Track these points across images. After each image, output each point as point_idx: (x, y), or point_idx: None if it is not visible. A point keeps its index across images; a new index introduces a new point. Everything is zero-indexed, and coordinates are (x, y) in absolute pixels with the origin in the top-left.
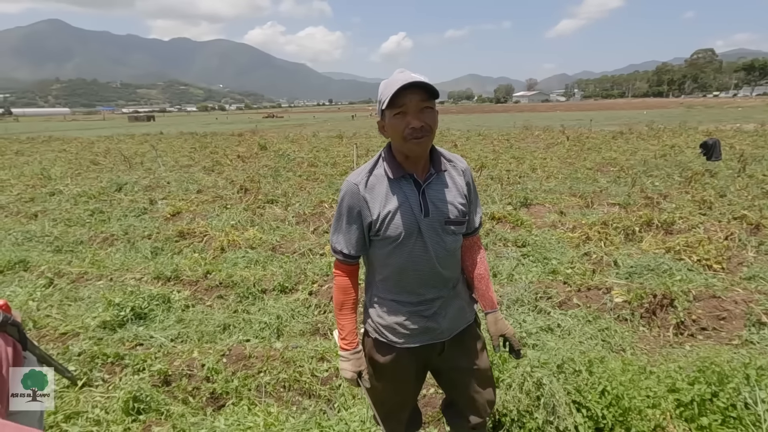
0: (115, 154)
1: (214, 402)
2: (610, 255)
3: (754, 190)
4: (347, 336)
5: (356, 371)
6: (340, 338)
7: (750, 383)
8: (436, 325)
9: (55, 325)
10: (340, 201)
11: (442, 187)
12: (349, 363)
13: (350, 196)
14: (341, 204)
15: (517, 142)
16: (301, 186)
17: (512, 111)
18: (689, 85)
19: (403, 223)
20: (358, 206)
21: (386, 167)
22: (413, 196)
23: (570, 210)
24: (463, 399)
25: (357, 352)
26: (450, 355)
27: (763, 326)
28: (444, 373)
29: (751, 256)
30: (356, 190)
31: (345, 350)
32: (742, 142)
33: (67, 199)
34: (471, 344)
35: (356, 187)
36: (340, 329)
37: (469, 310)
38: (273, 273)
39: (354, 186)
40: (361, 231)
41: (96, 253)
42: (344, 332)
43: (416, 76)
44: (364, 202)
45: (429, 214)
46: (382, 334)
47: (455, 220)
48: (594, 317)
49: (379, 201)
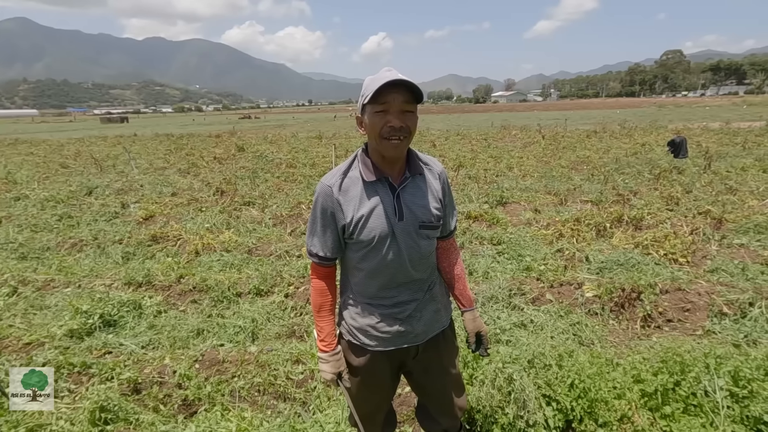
0: (85, 156)
1: (186, 409)
2: (582, 251)
3: (718, 186)
4: (326, 338)
5: (336, 372)
6: (318, 340)
7: (710, 372)
8: (410, 328)
9: (19, 335)
10: (315, 203)
11: (418, 190)
12: (329, 365)
13: (324, 198)
14: (315, 206)
15: (495, 142)
16: (279, 187)
17: (491, 111)
18: (660, 85)
19: (377, 227)
20: (331, 208)
21: (361, 169)
22: (388, 199)
23: (545, 208)
24: (435, 403)
25: (336, 353)
26: (424, 359)
27: (725, 317)
28: (417, 377)
29: (714, 249)
30: (330, 192)
31: (324, 352)
32: (708, 140)
33: (33, 203)
34: (445, 349)
35: (330, 189)
36: (319, 331)
37: (445, 315)
38: (249, 276)
39: (327, 188)
40: (336, 234)
41: (64, 260)
42: (323, 334)
43: (403, 76)
44: (337, 205)
45: (403, 218)
46: (356, 336)
47: (430, 225)
48: (566, 312)
49: (353, 204)
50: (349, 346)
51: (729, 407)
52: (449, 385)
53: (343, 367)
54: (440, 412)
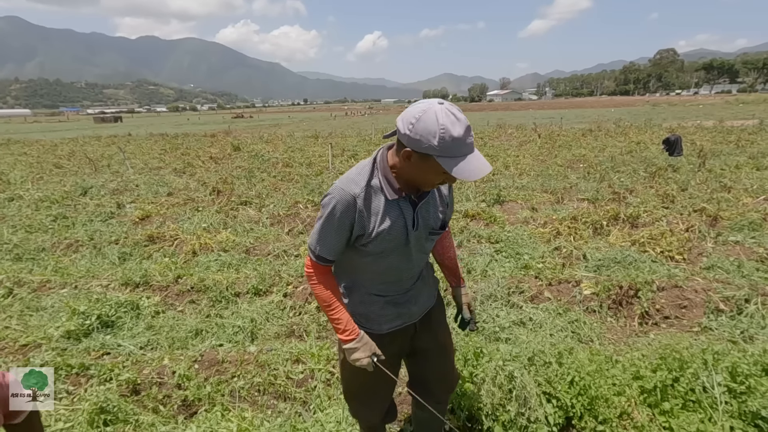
0: (80, 156)
1: (186, 409)
2: (580, 249)
3: (712, 184)
4: (347, 326)
5: (371, 354)
6: (340, 332)
7: (708, 368)
8: (407, 310)
9: (15, 337)
10: (332, 209)
11: (431, 199)
12: (361, 350)
13: (345, 206)
14: (332, 213)
15: (491, 141)
16: (276, 187)
17: (487, 110)
18: (654, 83)
19: (393, 240)
20: (351, 219)
21: (384, 185)
22: (409, 214)
23: (542, 206)
24: (434, 375)
25: (363, 336)
26: (422, 335)
27: (721, 313)
28: (417, 354)
29: (710, 246)
30: (353, 202)
31: (351, 340)
32: (702, 138)
33: (27, 204)
34: (437, 318)
35: (353, 200)
36: (337, 323)
37: (434, 291)
38: (247, 276)
39: (351, 198)
40: (347, 240)
41: (59, 261)
42: (342, 324)
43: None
44: (359, 216)
45: (418, 228)
46: (357, 321)
47: (438, 231)
48: (564, 310)
49: (375, 218)
50: None
51: (727, 403)
52: (446, 356)
53: (375, 347)
54: (438, 382)
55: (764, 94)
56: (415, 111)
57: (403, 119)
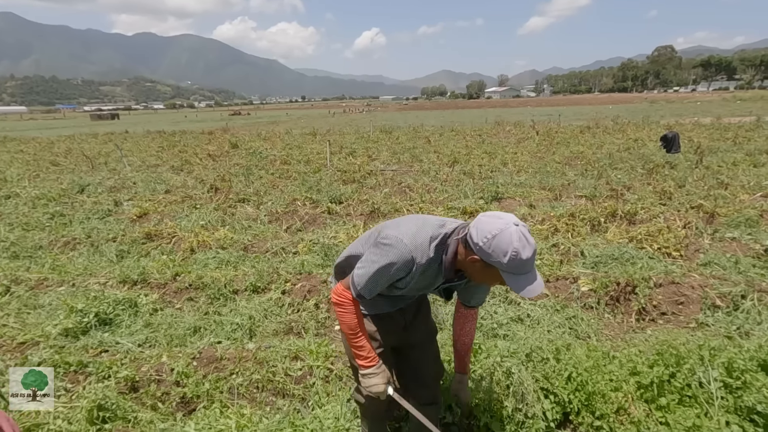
0: (76, 154)
1: (185, 406)
2: (577, 246)
3: (710, 181)
4: (368, 354)
5: (387, 380)
6: (361, 360)
7: (704, 363)
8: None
9: (13, 335)
10: (391, 263)
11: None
12: (379, 376)
13: (403, 265)
14: (390, 265)
15: (489, 137)
16: (274, 184)
17: (485, 106)
18: (651, 80)
19: (419, 290)
20: (404, 274)
21: (443, 266)
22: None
23: (540, 203)
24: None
25: (381, 364)
26: (412, 330)
27: (717, 309)
28: (406, 350)
29: (707, 243)
30: (412, 264)
31: (370, 366)
32: (699, 135)
33: (24, 202)
34: (425, 309)
35: (413, 263)
36: (359, 350)
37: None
38: (245, 273)
39: (412, 261)
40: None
41: (57, 258)
42: (365, 351)
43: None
44: (409, 273)
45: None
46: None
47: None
48: (562, 306)
49: (419, 277)
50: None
51: (723, 398)
52: (434, 342)
53: (389, 374)
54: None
55: (762, 91)
56: (493, 228)
57: (478, 230)
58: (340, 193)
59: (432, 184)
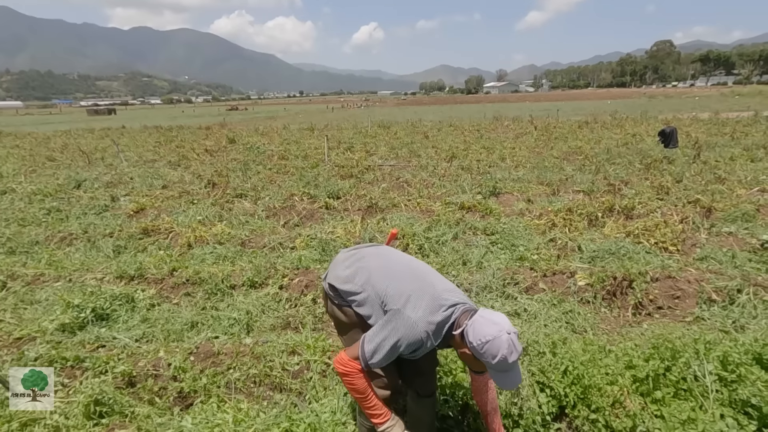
0: (73, 149)
1: (182, 401)
2: (575, 240)
3: (707, 176)
4: (381, 409)
5: (403, 428)
6: (377, 418)
7: (699, 357)
8: None
9: (9, 330)
10: (401, 338)
11: None
12: (397, 427)
13: (417, 343)
14: (402, 344)
15: (488, 133)
16: (272, 179)
17: (483, 101)
18: (650, 75)
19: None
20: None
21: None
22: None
23: (537, 198)
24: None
25: (394, 416)
26: None
27: (713, 303)
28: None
29: (704, 237)
30: (423, 343)
31: (386, 421)
32: (697, 130)
33: (20, 197)
34: None
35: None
36: (374, 409)
37: None
38: (242, 268)
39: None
40: None
41: (53, 254)
42: (378, 409)
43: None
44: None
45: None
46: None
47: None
48: (559, 301)
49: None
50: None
51: (718, 391)
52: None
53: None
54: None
55: (760, 86)
56: (487, 333)
57: (475, 331)
58: (337, 188)
59: (430, 179)
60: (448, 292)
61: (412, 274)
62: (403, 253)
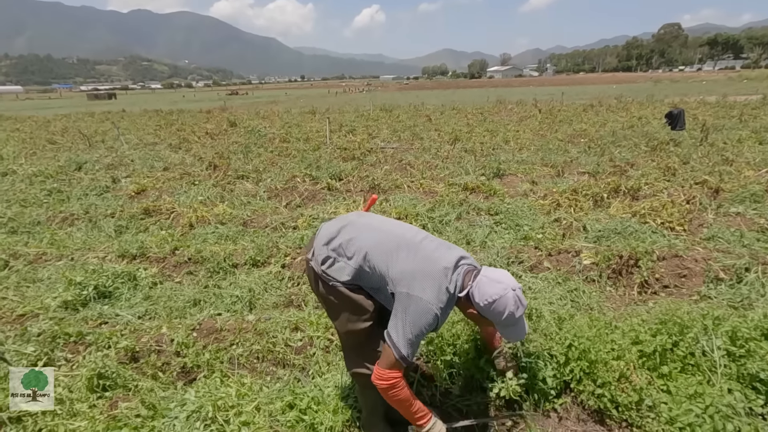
0: (73, 132)
1: (185, 376)
2: (580, 220)
3: (714, 158)
4: (423, 411)
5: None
6: (420, 421)
7: (707, 332)
8: None
9: (12, 307)
10: (423, 323)
11: None
12: (439, 423)
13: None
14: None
15: (491, 116)
16: (273, 161)
17: (486, 86)
18: (656, 59)
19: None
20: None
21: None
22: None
23: (542, 179)
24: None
25: (434, 415)
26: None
27: (721, 282)
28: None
29: (711, 217)
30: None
31: (429, 420)
32: (704, 113)
33: (21, 179)
34: None
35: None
36: (418, 413)
37: None
38: (244, 247)
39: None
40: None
41: (55, 234)
42: (422, 412)
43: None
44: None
45: None
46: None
47: None
48: (564, 279)
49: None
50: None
51: (726, 366)
52: None
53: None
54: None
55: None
56: (493, 292)
57: (480, 292)
58: (340, 169)
59: (433, 161)
60: (443, 255)
61: (405, 244)
62: (384, 218)
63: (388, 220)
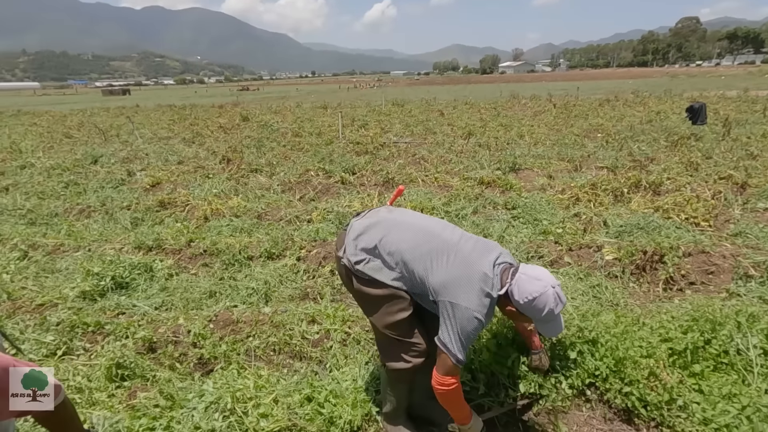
0: (89, 127)
1: (202, 367)
2: (600, 215)
3: (738, 152)
4: (467, 412)
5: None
6: (464, 420)
7: (741, 330)
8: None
9: (32, 297)
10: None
11: None
12: (479, 420)
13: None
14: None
15: (505, 111)
16: (286, 155)
17: (498, 81)
18: (673, 54)
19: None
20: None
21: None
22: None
23: (559, 174)
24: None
25: (474, 413)
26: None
27: (750, 279)
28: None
29: (738, 213)
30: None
31: (470, 420)
32: (725, 108)
33: (39, 172)
34: None
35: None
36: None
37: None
38: (259, 240)
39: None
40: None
41: (72, 225)
42: (468, 411)
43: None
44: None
45: None
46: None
47: None
48: (585, 275)
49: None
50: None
51: (762, 365)
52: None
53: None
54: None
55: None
56: (533, 290)
57: (520, 290)
58: (353, 163)
59: (447, 155)
60: (482, 258)
61: (444, 248)
62: (414, 213)
63: (419, 216)
